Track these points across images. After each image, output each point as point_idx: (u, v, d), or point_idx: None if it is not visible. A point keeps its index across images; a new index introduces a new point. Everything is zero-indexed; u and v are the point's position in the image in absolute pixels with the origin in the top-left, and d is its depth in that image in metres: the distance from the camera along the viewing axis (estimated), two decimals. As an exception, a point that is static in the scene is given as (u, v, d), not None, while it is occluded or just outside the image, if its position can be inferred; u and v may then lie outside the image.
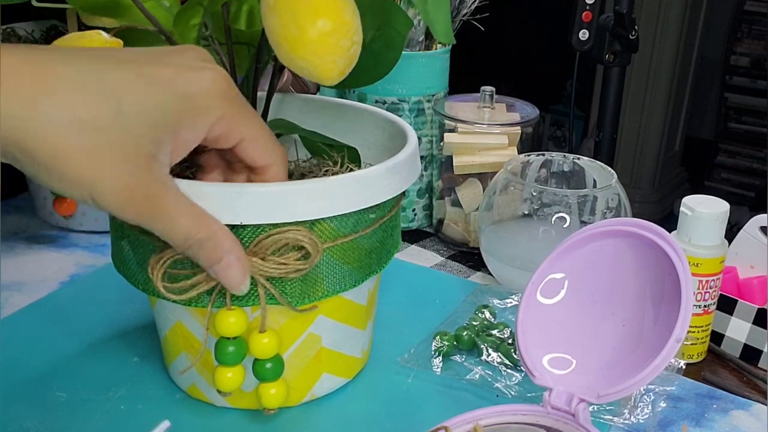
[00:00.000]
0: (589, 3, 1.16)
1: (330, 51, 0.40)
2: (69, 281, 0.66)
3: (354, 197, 0.44)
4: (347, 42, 0.40)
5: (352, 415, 0.51)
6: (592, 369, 0.48)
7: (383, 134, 0.55)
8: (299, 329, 0.48)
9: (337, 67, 0.40)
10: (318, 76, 0.41)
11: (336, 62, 0.40)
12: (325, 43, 0.39)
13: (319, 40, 0.39)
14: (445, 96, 0.80)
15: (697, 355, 0.60)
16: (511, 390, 0.53)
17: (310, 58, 0.40)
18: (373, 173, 0.45)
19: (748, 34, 2.68)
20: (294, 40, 0.39)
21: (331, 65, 0.40)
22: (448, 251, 0.77)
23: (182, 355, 0.50)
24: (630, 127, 2.57)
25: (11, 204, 0.80)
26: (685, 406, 0.54)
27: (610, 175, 0.67)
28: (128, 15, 0.47)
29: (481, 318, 0.60)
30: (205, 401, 0.51)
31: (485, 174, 0.74)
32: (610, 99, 1.22)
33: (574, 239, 0.50)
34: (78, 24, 0.70)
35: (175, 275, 0.44)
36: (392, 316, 0.62)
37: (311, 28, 0.39)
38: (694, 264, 0.56)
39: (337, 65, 0.40)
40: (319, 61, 0.40)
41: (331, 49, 0.40)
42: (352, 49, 0.41)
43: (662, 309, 0.47)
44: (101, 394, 0.52)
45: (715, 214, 0.56)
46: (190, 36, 0.44)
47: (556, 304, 0.50)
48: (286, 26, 0.39)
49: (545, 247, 0.55)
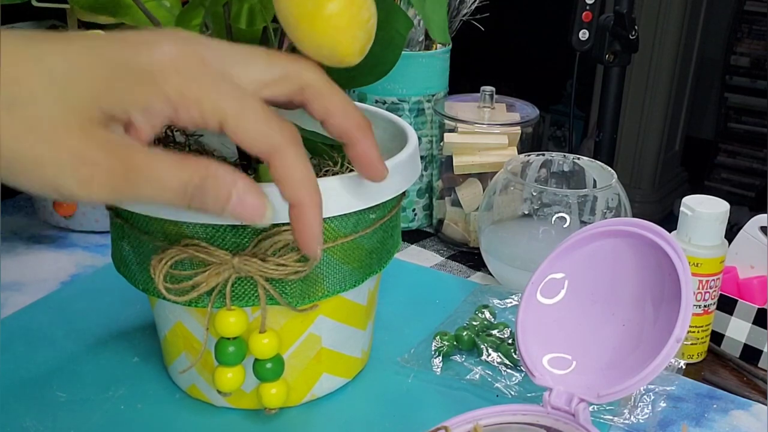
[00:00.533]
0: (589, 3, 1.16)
1: (350, 23, 0.38)
2: (69, 281, 0.66)
3: (354, 197, 0.44)
4: (366, 13, 0.39)
5: (352, 415, 0.51)
6: (592, 369, 0.48)
7: (383, 134, 0.55)
8: (299, 329, 0.48)
9: (358, 41, 0.39)
10: (340, 54, 0.39)
11: (357, 36, 0.39)
12: (344, 15, 0.38)
13: (338, 13, 0.38)
14: (445, 96, 0.80)
15: (697, 355, 0.60)
16: (511, 390, 0.53)
17: (331, 32, 0.38)
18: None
19: (748, 34, 2.68)
20: (312, 17, 0.38)
21: (353, 40, 0.39)
22: (448, 251, 0.77)
23: (182, 355, 0.50)
24: (630, 127, 2.57)
25: (11, 204, 0.80)
26: (685, 406, 0.54)
27: (610, 175, 0.67)
28: (129, 15, 0.47)
29: (481, 318, 0.60)
30: (205, 401, 0.51)
31: (485, 174, 0.74)
32: (610, 99, 1.22)
33: (574, 239, 0.50)
34: (78, 24, 0.70)
35: (177, 276, 0.44)
36: (392, 316, 0.62)
37: (328, 2, 0.37)
38: (694, 264, 0.56)
39: (359, 40, 0.39)
40: (341, 37, 0.38)
41: (351, 22, 0.38)
42: (370, 22, 0.39)
43: (662, 309, 0.47)
44: (101, 394, 0.52)
45: (715, 214, 0.56)
46: (190, 36, 0.44)
47: (556, 304, 0.50)
48: (301, 4, 0.38)
49: (545, 247, 0.55)
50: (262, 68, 0.37)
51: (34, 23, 0.79)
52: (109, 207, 0.48)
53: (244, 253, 0.43)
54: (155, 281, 0.43)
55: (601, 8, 1.20)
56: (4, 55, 0.31)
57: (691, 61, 2.62)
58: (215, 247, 0.43)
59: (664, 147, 2.64)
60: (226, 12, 0.46)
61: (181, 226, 0.43)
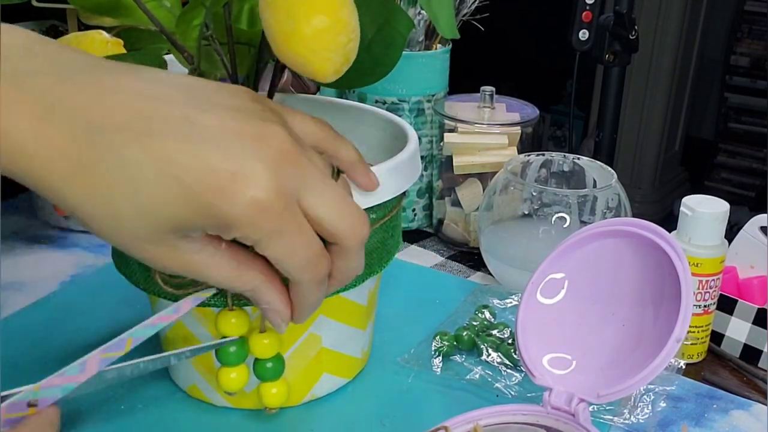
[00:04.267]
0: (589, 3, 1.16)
1: (324, 47, 0.39)
2: (69, 281, 0.66)
3: (354, 197, 0.44)
4: (344, 38, 0.40)
5: (352, 415, 0.51)
6: (592, 369, 0.48)
7: (383, 134, 0.55)
8: (300, 329, 0.49)
9: (332, 64, 0.40)
10: (313, 72, 0.40)
11: (331, 59, 0.40)
12: (320, 39, 0.39)
13: (313, 35, 0.39)
14: (445, 96, 0.80)
15: (697, 355, 0.60)
16: (511, 390, 0.53)
17: (303, 53, 0.39)
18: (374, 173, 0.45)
19: (748, 34, 2.68)
20: (289, 34, 0.39)
21: (326, 62, 0.40)
22: (448, 251, 0.77)
23: (182, 355, 0.50)
24: (630, 127, 2.57)
25: (11, 204, 0.80)
26: (685, 406, 0.54)
27: (610, 175, 0.67)
28: (129, 15, 0.47)
29: (481, 318, 0.60)
30: (205, 401, 0.51)
31: (485, 174, 0.74)
32: (610, 99, 1.22)
33: (574, 239, 0.50)
34: (78, 24, 0.70)
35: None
36: (392, 316, 0.62)
37: (306, 25, 0.39)
38: (694, 264, 0.56)
39: (333, 62, 0.40)
40: (313, 57, 0.39)
41: (326, 45, 0.39)
42: (348, 46, 0.40)
43: (662, 309, 0.47)
44: (101, 394, 0.52)
45: (715, 214, 0.56)
46: (191, 36, 0.44)
47: (556, 304, 0.50)
48: (282, 21, 0.39)
49: (545, 247, 0.55)
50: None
51: (35, 23, 0.79)
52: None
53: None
54: (152, 272, 0.43)
55: (601, 8, 1.20)
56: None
57: (691, 61, 2.62)
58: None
59: (664, 147, 2.64)
60: (226, 12, 0.46)
61: (181, 226, 0.43)
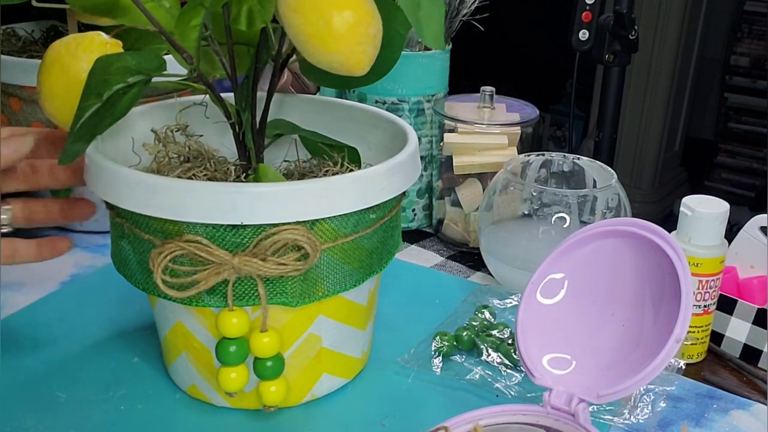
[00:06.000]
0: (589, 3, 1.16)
1: (359, 40, 0.41)
2: (69, 281, 0.66)
3: (354, 197, 0.44)
4: (373, 29, 0.41)
5: (352, 415, 0.51)
6: (591, 369, 0.48)
7: (383, 134, 0.55)
8: (300, 329, 0.49)
9: (367, 55, 0.42)
10: (351, 67, 0.42)
11: (365, 51, 0.41)
12: (353, 33, 0.40)
13: (347, 31, 0.40)
14: (445, 96, 0.80)
15: (697, 355, 0.60)
16: (511, 390, 0.53)
17: (341, 50, 0.41)
18: (373, 173, 0.45)
19: (748, 34, 2.68)
20: (323, 35, 0.40)
21: (362, 55, 0.41)
22: (448, 251, 0.77)
23: (182, 355, 0.50)
24: (630, 127, 2.57)
25: (11, 204, 0.80)
26: (685, 406, 0.54)
27: (610, 175, 0.67)
28: (128, 15, 0.47)
29: (481, 318, 0.60)
30: (205, 401, 0.51)
31: (485, 174, 0.74)
32: (610, 99, 1.22)
33: (574, 239, 0.50)
34: (78, 24, 0.70)
35: (176, 270, 0.44)
36: (392, 316, 0.62)
37: (338, 21, 0.40)
38: (694, 264, 0.56)
39: (367, 54, 0.42)
40: (350, 52, 0.41)
41: (360, 38, 0.41)
42: (377, 36, 0.42)
43: (662, 309, 0.47)
44: (101, 394, 0.52)
45: (715, 214, 0.56)
46: (190, 36, 0.44)
47: (556, 304, 0.50)
48: (312, 23, 0.40)
49: (545, 247, 0.55)
50: None
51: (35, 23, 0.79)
52: (109, 206, 0.48)
53: (244, 253, 0.43)
54: (153, 274, 0.43)
55: (601, 8, 1.20)
56: None
57: (691, 61, 2.62)
58: (215, 246, 0.43)
59: (664, 147, 2.64)
60: (225, 13, 0.46)
61: (180, 225, 0.43)
